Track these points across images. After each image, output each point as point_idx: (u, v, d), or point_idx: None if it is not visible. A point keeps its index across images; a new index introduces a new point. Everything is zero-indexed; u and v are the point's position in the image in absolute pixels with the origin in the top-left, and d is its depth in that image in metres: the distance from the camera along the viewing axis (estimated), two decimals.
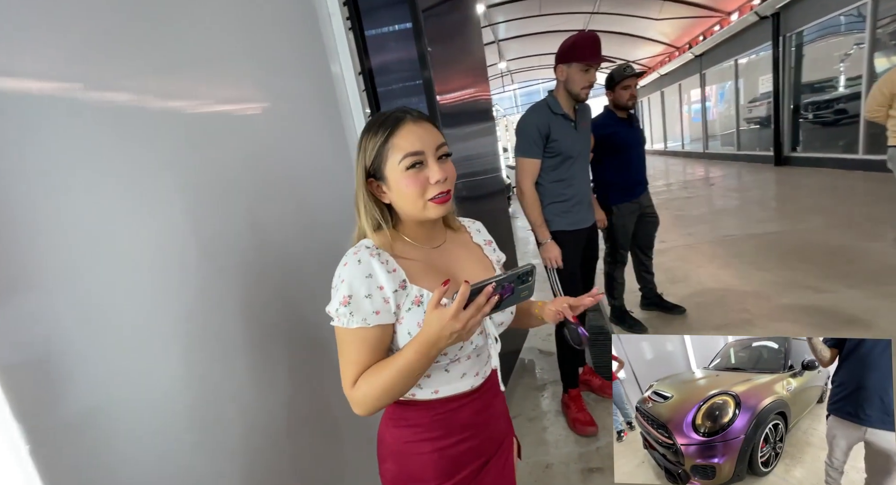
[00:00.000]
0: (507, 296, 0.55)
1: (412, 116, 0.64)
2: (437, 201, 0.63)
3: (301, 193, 1.06)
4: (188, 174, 0.74)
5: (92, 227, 0.57)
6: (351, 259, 0.63)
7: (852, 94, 6.05)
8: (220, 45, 0.87)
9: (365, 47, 1.35)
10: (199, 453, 0.69)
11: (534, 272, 0.56)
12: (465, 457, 0.70)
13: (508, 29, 11.58)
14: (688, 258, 3.52)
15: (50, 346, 0.50)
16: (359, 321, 0.60)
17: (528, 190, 1.68)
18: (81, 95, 0.57)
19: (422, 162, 0.62)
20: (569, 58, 1.61)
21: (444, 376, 0.68)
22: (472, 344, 0.67)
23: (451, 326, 0.53)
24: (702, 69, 10.55)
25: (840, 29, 6.24)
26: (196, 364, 0.71)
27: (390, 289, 0.62)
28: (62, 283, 0.52)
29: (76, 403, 0.51)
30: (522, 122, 1.69)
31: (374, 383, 0.60)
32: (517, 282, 0.55)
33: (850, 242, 3.19)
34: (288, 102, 1.08)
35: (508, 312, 0.72)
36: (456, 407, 0.69)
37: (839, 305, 2.33)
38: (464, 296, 0.52)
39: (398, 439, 0.70)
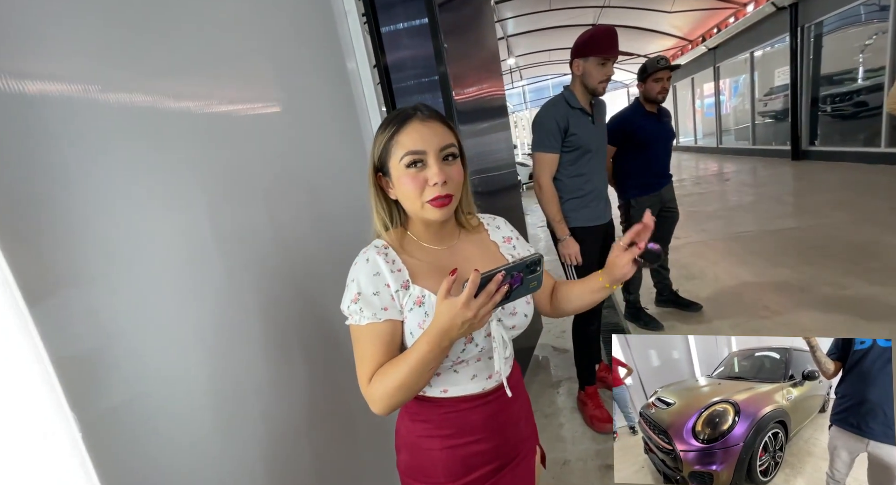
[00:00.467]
0: (516, 286, 0.55)
1: (421, 114, 0.64)
2: (434, 204, 0.62)
3: (318, 190, 1.07)
4: (208, 173, 0.74)
5: (125, 226, 0.58)
6: (360, 258, 0.65)
7: (874, 85, 5.88)
8: (238, 44, 0.87)
9: (381, 43, 1.35)
10: (224, 444, 0.70)
11: (542, 261, 0.56)
12: (476, 459, 0.69)
13: (517, 25, 11.49)
14: (703, 255, 3.46)
15: (95, 340, 0.52)
16: (369, 317, 0.62)
17: (547, 185, 1.66)
18: (101, 97, 0.58)
19: (422, 161, 0.62)
20: (586, 52, 1.59)
21: (452, 376, 0.68)
22: (476, 346, 0.66)
23: (462, 314, 0.52)
24: (715, 62, 10.35)
25: (861, 19, 6.06)
26: (221, 358, 0.72)
27: (394, 288, 0.63)
28: (102, 279, 0.54)
29: (118, 395, 0.53)
30: (540, 116, 1.66)
31: (388, 380, 0.59)
32: (526, 271, 0.55)
33: (874, 237, 3.11)
34: (305, 100, 1.08)
35: (522, 315, 0.70)
36: (467, 408, 0.69)
37: (863, 302, 2.27)
38: (475, 284, 0.51)
39: (412, 432, 0.71)
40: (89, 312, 0.52)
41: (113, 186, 0.57)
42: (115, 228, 0.57)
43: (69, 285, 0.50)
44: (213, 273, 0.72)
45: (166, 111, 0.68)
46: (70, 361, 0.47)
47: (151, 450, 0.56)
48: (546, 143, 1.63)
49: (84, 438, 0.44)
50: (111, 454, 0.49)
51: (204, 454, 0.66)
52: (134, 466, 0.53)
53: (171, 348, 0.62)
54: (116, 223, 0.57)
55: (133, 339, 0.56)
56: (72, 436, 0.44)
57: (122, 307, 0.56)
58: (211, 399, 0.68)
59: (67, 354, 0.47)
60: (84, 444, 0.44)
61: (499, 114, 2.24)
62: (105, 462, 0.47)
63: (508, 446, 0.73)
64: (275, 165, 0.93)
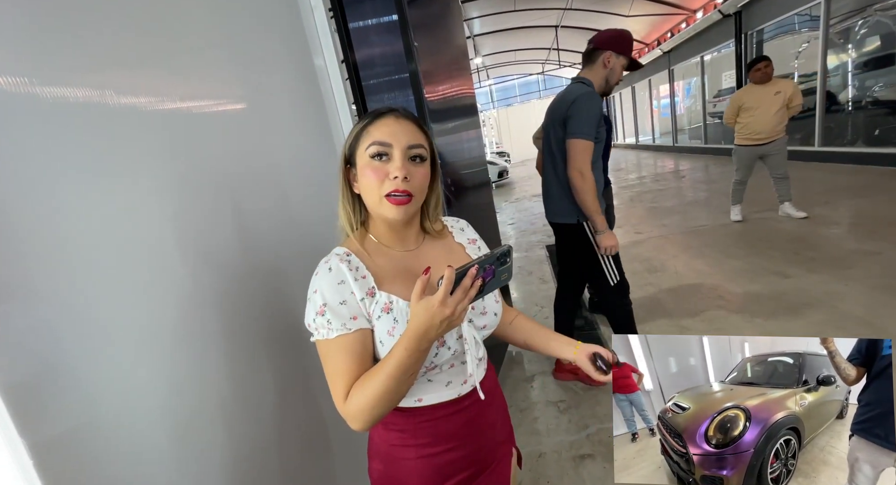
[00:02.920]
0: (488, 279, 0.55)
1: (397, 113, 0.65)
2: (392, 200, 0.61)
3: (286, 190, 1.03)
4: (166, 173, 0.70)
5: (78, 228, 0.53)
6: (322, 268, 0.63)
7: (807, 89, 6.40)
8: (197, 37, 0.82)
9: (349, 40, 1.31)
10: (186, 461, 0.66)
11: (511, 253, 0.56)
12: (451, 467, 0.68)
13: (483, 24, 11.60)
14: (663, 249, 3.65)
15: (45, 356, 0.47)
16: (338, 328, 0.59)
17: (590, 174, 1.58)
18: (40, 91, 0.52)
19: (387, 154, 0.62)
20: (623, 50, 1.57)
21: (426, 385, 0.66)
22: (449, 350, 0.64)
23: (440, 312, 0.51)
24: (670, 65, 10.90)
25: (795, 27, 6.58)
26: (182, 369, 0.68)
27: (360, 296, 0.61)
28: (47, 291, 0.49)
29: (68, 418, 0.48)
30: (588, 103, 1.56)
31: (367, 392, 0.56)
32: (497, 263, 0.55)
33: (812, 229, 3.39)
34: (270, 97, 1.04)
35: (492, 314, 0.70)
36: (442, 416, 0.67)
37: (803, 290, 2.48)
38: (450, 280, 0.51)
39: (385, 441, 0.69)
40: (33, 327, 0.47)
41: (59, 188, 0.52)
42: (63, 233, 0.52)
43: (9, 300, 0.45)
44: (172, 279, 0.68)
45: (117, 107, 0.62)
46: (14, 382, 0.42)
47: (109, 471, 0.52)
48: (590, 130, 1.56)
49: (36, 465, 0.40)
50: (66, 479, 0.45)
51: (164, 473, 0.61)
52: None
53: (125, 363, 0.58)
54: (64, 228, 0.52)
55: (83, 355, 0.52)
56: (21, 463, 0.39)
57: (70, 320, 0.51)
58: (170, 415, 0.64)
59: (11, 374, 0.42)
60: (36, 471, 0.40)
61: (469, 112, 2.25)
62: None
63: (484, 452, 0.72)
64: (239, 165, 0.89)
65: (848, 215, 3.57)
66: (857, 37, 5.47)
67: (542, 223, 5.59)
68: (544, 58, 15.92)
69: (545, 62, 16.65)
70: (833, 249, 2.93)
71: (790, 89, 3.41)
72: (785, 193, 3.74)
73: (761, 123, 3.51)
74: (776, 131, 3.51)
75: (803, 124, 6.53)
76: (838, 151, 5.81)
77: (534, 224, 5.68)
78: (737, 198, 3.98)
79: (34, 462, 0.40)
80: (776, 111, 3.43)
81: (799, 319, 2.19)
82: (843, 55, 5.71)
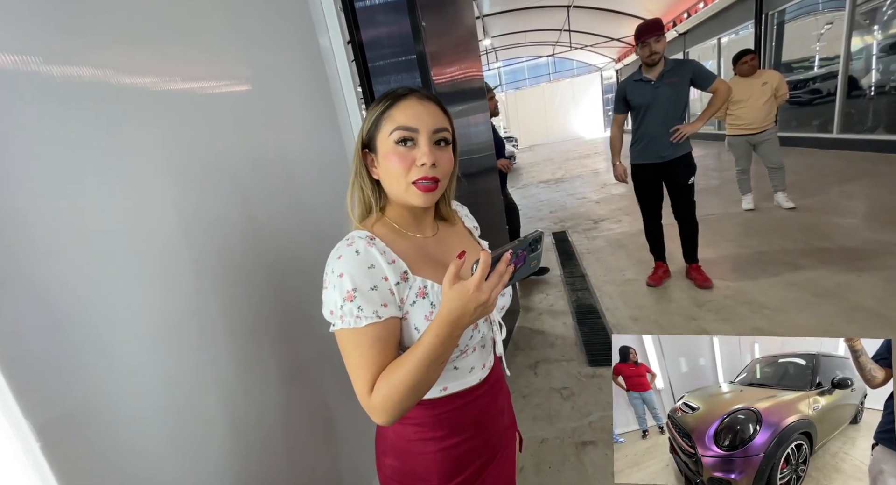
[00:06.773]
0: (519, 265, 0.54)
1: (419, 94, 0.61)
2: (420, 187, 0.58)
3: (292, 173, 1.02)
4: (169, 155, 0.69)
5: (77, 215, 0.53)
6: (346, 251, 0.57)
7: (828, 73, 6.17)
8: (201, 16, 0.80)
9: (355, 19, 1.28)
10: (190, 451, 0.67)
11: (542, 239, 0.55)
12: (468, 457, 0.68)
13: (493, 4, 11.24)
14: (673, 237, 3.59)
15: (44, 341, 0.47)
16: (370, 316, 0.55)
17: (611, 133, 2.70)
18: (44, 70, 0.51)
19: (413, 140, 0.59)
20: (635, 40, 2.38)
21: (452, 373, 0.65)
22: (479, 332, 0.63)
23: (475, 298, 0.49)
24: (685, 47, 10.54)
25: (819, 7, 6.29)
26: (186, 359, 0.68)
27: (394, 280, 0.58)
28: (51, 274, 0.49)
29: (75, 398, 0.49)
30: (616, 88, 2.47)
31: (395, 383, 0.53)
32: (528, 249, 0.54)
33: (824, 219, 3.32)
34: (275, 77, 1.01)
35: (508, 295, 0.70)
36: (461, 404, 0.67)
37: (814, 280, 2.43)
38: (486, 264, 0.49)
39: (401, 436, 0.67)
40: (37, 310, 0.47)
41: (61, 171, 0.51)
42: (67, 217, 0.51)
43: (12, 283, 0.45)
44: (176, 265, 0.67)
45: (121, 87, 0.61)
46: (19, 365, 0.42)
47: (113, 458, 0.53)
48: (613, 107, 2.65)
49: (42, 448, 0.40)
50: (72, 462, 0.45)
51: (168, 464, 0.62)
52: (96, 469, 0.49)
53: (128, 349, 0.58)
54: (68, 212, 0.51)
55: (85, 339, 0.52)
56: (27, 446, 0.40)
57: (73, 304, 0.51)
58: (174, 405, 0.64)
59: (15, 357, 0.42)
60: (42, 453, 0.40)
61: (477, 95, 2.20)
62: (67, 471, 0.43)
63: (495, 439, 0.72)
64: (244, 148, 0.87)
65: (863, 205, 3.48)
66: (885, 17, 5.22)
67: (548, 210, 5.53)
68: (555, 40, 15.45)
69: (556, 44, 16.16)
70: (846, 240, 2.87)
71: (776, 80, 3.55)
72: (779, 183, 3.75)
73: (751, 114, 3.62)
74: (766, 121, 3.62)
75: (822, 110, 6.33)
76: (857, 138, 5.64)
77: (540, 211, 5.62)
78: (744, 188, 3.96)
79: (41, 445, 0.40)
80: (764, 102, 3.56)
81: (809, 310, 2.16)
82: (869, 37, 5.47)
